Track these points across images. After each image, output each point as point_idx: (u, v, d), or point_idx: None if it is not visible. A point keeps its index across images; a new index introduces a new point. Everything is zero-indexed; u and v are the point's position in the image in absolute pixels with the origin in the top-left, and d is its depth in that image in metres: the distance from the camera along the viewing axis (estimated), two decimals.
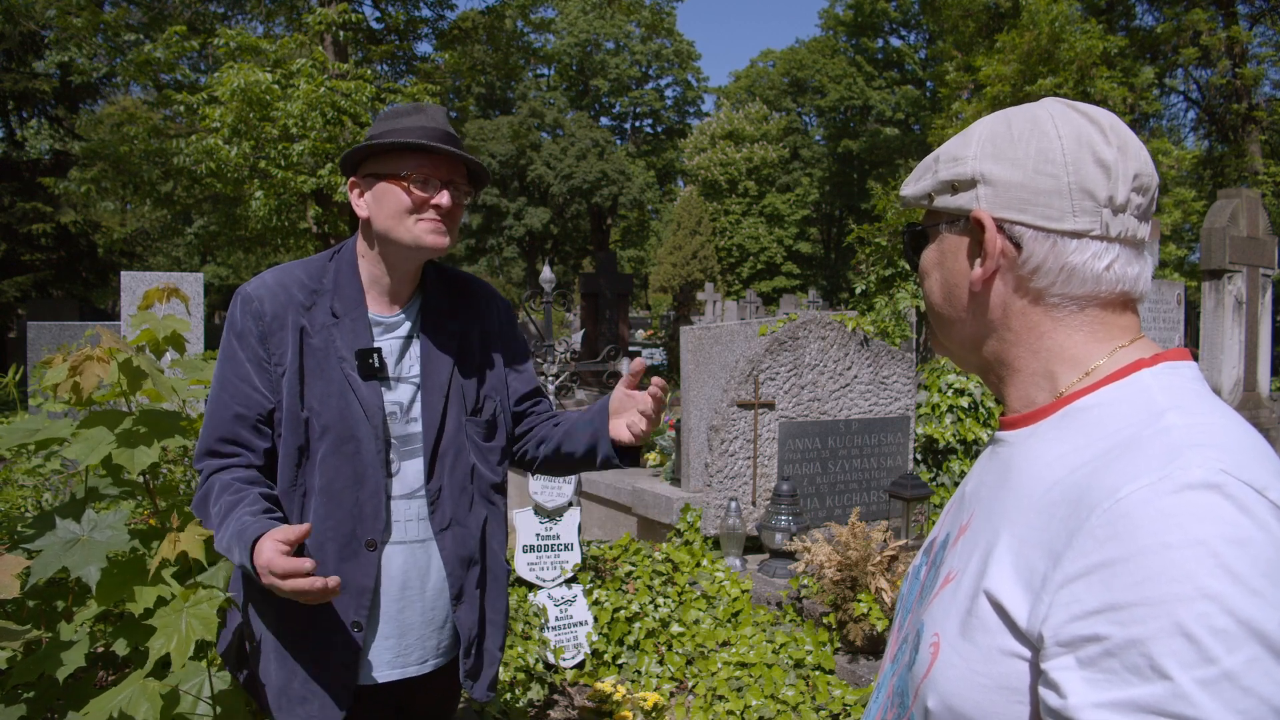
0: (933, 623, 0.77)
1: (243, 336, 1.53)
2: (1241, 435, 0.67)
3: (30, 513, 2.86)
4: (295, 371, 1.53)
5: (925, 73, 35.38)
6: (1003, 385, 0.83)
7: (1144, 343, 0.78)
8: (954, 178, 0.80)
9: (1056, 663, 0.62)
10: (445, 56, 14.80)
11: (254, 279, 1.60)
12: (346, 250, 1.64)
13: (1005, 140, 0.78)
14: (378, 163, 1.56)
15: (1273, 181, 17.48)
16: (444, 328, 1.66)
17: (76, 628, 1.67)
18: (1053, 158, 0.75)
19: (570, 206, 34.85)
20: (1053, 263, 0.75)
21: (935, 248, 0.85)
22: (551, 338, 4.31)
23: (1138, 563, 0.59)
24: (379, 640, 1.58)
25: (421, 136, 1.52)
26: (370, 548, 1.55)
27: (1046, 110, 0.78)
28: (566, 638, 3.56)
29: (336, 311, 1.57)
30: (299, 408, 1.52)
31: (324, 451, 1.52)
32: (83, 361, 1.50)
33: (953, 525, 0.85)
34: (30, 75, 17.65)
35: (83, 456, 1.49)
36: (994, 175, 0.77)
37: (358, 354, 1.55)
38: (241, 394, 1.52)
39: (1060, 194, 0.74)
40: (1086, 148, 0.75)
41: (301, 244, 13.16)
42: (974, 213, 0.78)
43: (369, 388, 1.56)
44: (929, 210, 0.85)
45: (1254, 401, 6.89)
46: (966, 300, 0.82)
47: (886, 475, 4.70)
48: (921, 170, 0.86)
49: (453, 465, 1.63)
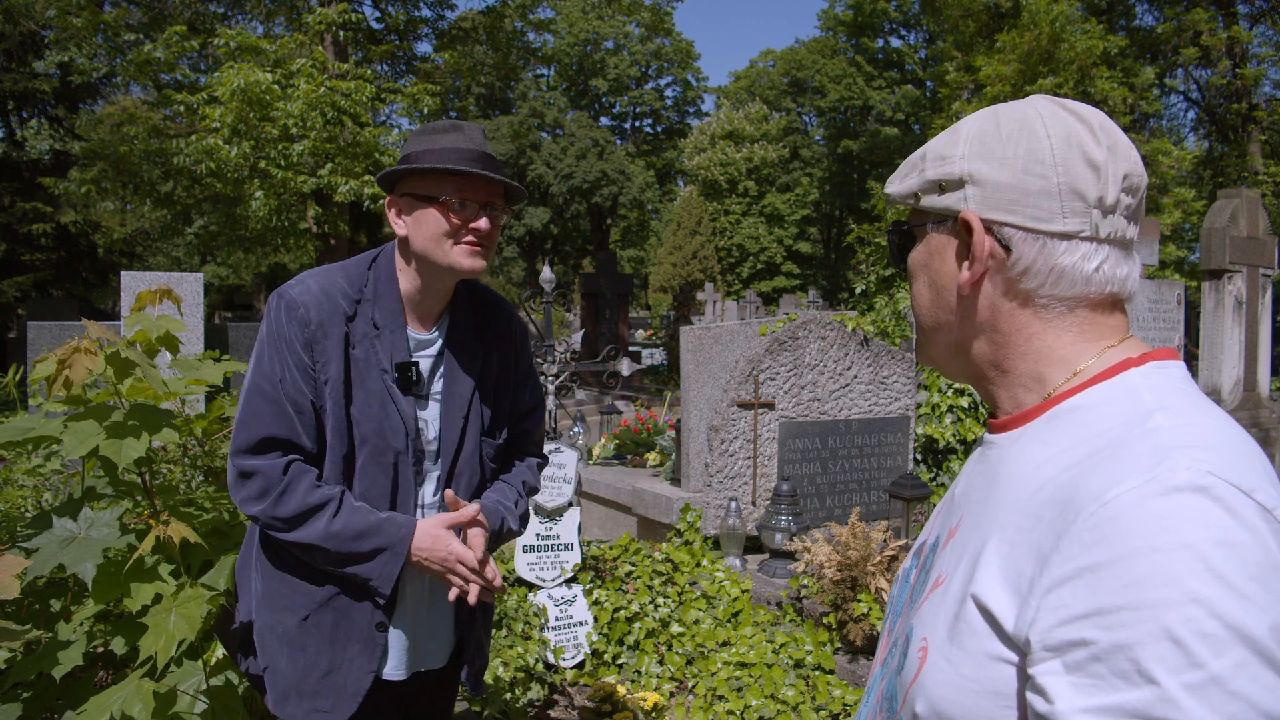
0: (921, 627, 0.76)
1: (289, 342, 1.50)
2: (1230, 436, 0.67)
3: (30, 512, 2.86)
4: (341, 381, 1.53)
5: (925, 73, 35.37)
6: (992, 387, 0.82)
7: (1133, 342, 0.78)
8: (941, 177, 0.79)
9: (1044, 668, 0.61)
10: (445, 56, 14.81)
11: (295, 283, 1.57)
12: (384, 260, 1.64)
13: (994, 139, 0.76)
14: (416, 183, 1.56)
15: (1273, 181, 17.49)
16: (470, 348, 1.69)
17: (75, 627, 1.67)
18: (1042, 158, 0.74)
19: (570, 206, 34.87)
20: (1042, 264, 0.75)
21: (922, 248, 0.84)
22: (551, 338, 4.30)
23: (1125, 567, 0.59)
24: (396, 641, 1.62)
25: (459, 159, 1.53)
26: None
27: (1036, 109, 0.77)
28: (566, 638, 3.55)
29: (378, 323, 1.58)
30: (344, 417, 1.54)
31: (364, 460, 1.55)
32: (71, 354, 1.50)
33: (942, 528, 0.85)
34: (30, 75, 17.64)
35: (70, 449, 1.49)
36: (982, 175, 0.76)
37: (398, 366, 1.57)
38: (291, 397, 1.51)
39: (1050, 195, 0.74)
40: (1076, 148, 0.74)
41: (301, 244, 13.18)
42: (962, 214, 0.77)
43: (406, 401, 1.58)
44: (915, 209, 0.84)
45: (1254, 402, 6.89)
46: (955, 302, 0.81)
47: (886, 475, 4.70)
48: (908, 168, 0.84)
49: (467, 483, 1.68)
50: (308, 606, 1.56)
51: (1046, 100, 0.78)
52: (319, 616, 1.56)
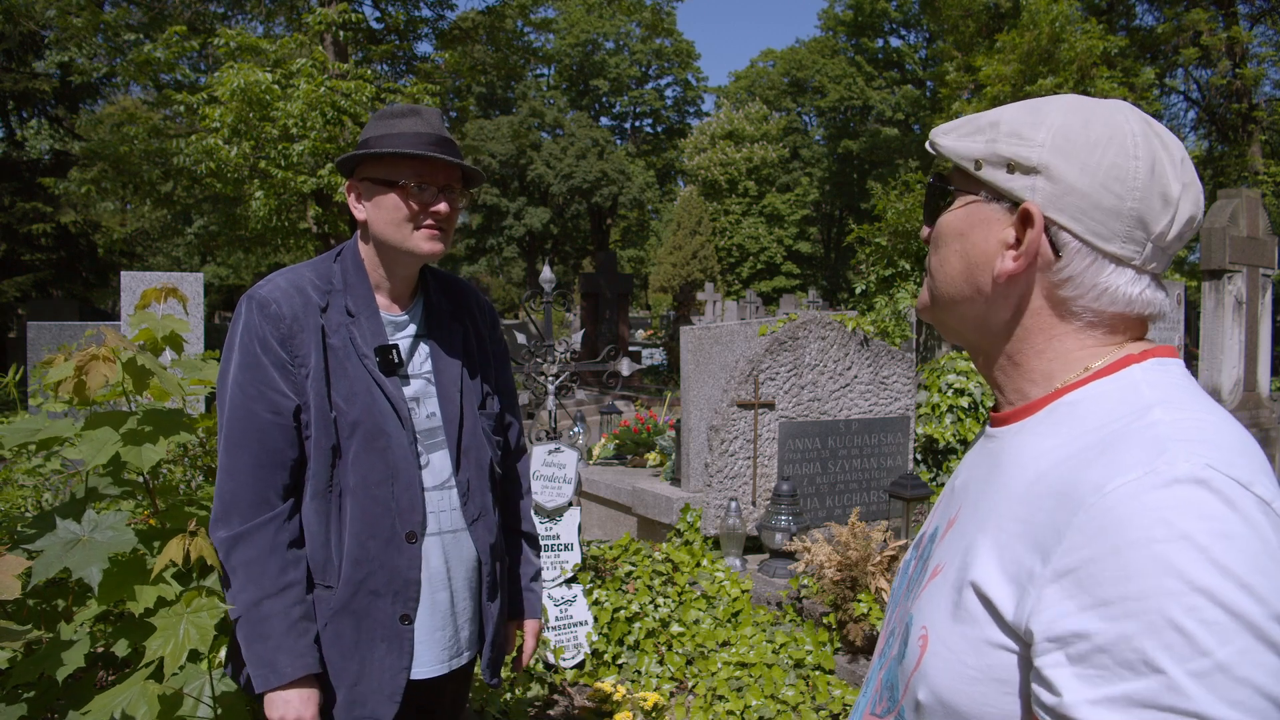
0: (921, 615, 0.77)
1: (264, 341, 1.50)
2: (1228, 430, 0.67)
3: (30, 513, 2.86)
4: (320, 372, 1.52)
5: (925, 73, 35.37)
6: (1000, 376, 0.81)
7: (1140, 343, 0.78)
8: (1015, 157, 0.75)
9: (1048, 659, 0.62)
10: (445, 56, 14.79)
11: (263, 283, 1.57)
12: (349, 251, 1.65)
13: (1081, 140, 0.73)
14: (374, 167, 1.56)
15: (1273, 181, 17.48)
16: (448, 327, 1.70)
17: (76, 628, 1.67)
18: (1123, 178, 0.72)
19: (570, 206, 34.85)
20: (1088, 279, 0.73)
21: (963, 215, 0.80)
22: (551, 338, 4.30)
23: (1125, 558, 0.59)
24: (426, 635, 1.58)
25: (417, 143, 1.53)
26: (411, 540, 1.55)
27: (1129, 122, 0.74)
28: (566, 638, 3.56)
29: (352, 310, 1.58)
30: (327, 408, 1.52)
31: (356, 449, 1.53)
32: (88, 360, 1.50)
33: (942, 519, 0.85)
34: (30, 75, 17.63)
35: (89, 456, 1.49)
36: (1060, 173, 0.73)
37: (377, 350, 1.57)
38: (268, 400, 1.50)
39: (1119, 216, 0.72)
40: (1158, 179, 0.72)
41: (301, 244, 13.16)
42: (1026, 204, 0.74)
43: (391, 383, 1.57)
44: (965, 173, 0.79)
45: (1254, 402, 6.89)
46: (988, 285, 0.78)
47: (886, 475, 4.70)
48: (973, 128, 0.80)
49: (477, 459, 1.67)
50: (324, 616, 1.51)
51: (1138, 116, 0.75)
52: (338, 625, 1.51)
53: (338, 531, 1.53)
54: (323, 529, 1.53)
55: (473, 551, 1.65)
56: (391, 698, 1.53)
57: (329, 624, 1.51)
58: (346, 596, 1.51)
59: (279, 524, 1.48)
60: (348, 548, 1.51)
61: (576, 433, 6.48)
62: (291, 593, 1.46)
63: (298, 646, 1.45)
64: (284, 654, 1.44)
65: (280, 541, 1.47)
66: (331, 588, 1.52)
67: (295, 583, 1.47)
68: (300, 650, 1.45)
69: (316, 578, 1.52)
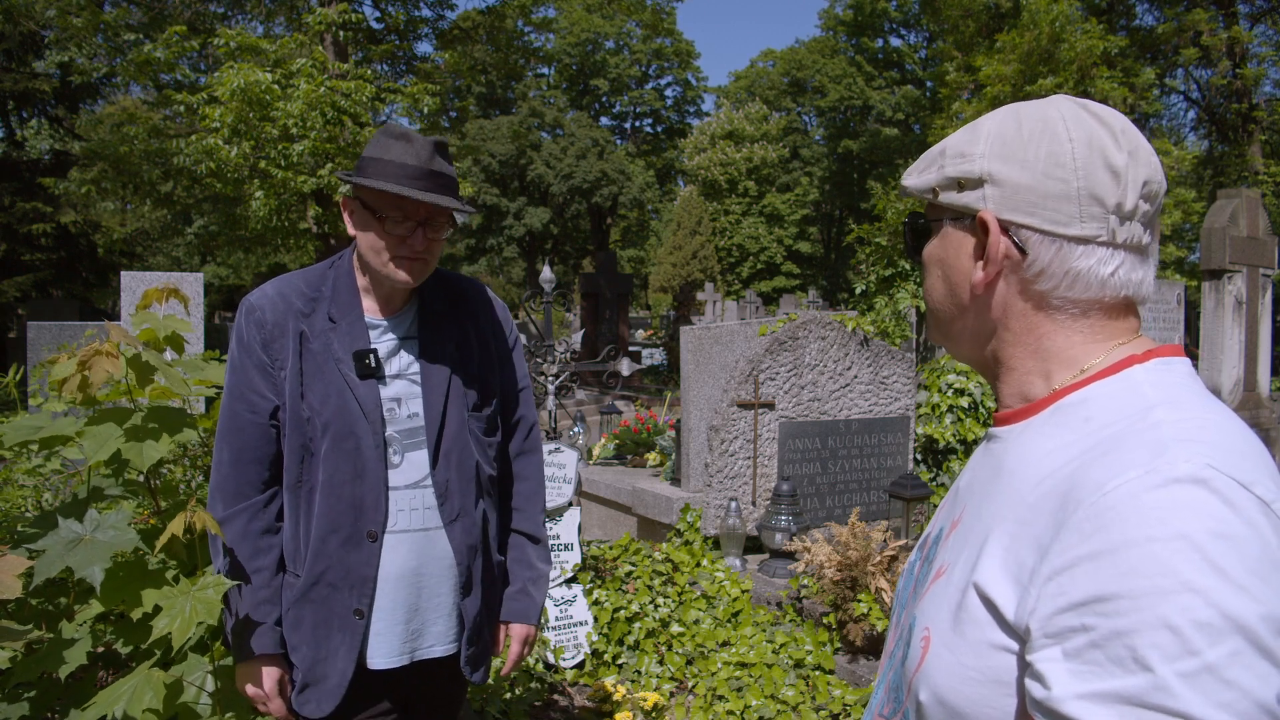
0: (924, 617, 0.77)
1: (248, 345, 1.61)
2: (1231, 431, 0.67)
3: (30, 512, 2.86)
4: (295, 374, 1.60)
5: (925, 73, 35.34)
6: (998, 381, 0.83)
7: (1141, 341, 0.78)
8: (960, 175, 0.79)
9: (1042, 654, 0.62)
10: (445, 56, 14.80)
11: (257, 290, 1.68)
12: (345, 258, 1.72)
13: (1015, 140, 0.76)
14: (365, 191, 1.60)
15: (1273, 181, 17.48)
16: (442, 328, 1.72)
17: (78, 626, 1.67)
18: (1063, 161, 0.74)
19: (570, 206, 34.83)
20: (1058, 267, 0.75)
21: (938, 242, 0.84)
22: (551, 338, 4.31)
23: (1123, 555, 0.59)
24: (385, 628, 1.63)
25: (402, 176, 1.55)
26: (371, 539, 1.61)
27: (1058, 110, 0.77)
28: (566, 638, 3.56)
29: (333, 317, 1.64)
30: (300, 408, 1.60)
31: (325, 448, 1.59)
32: (92, 356, 1.50)
33: (946, 520, 0.86)
34: (30, 75, 17.62)
35: (92, 453, 1.50)
36: (1002, 176, 0.76)
37: (354, 355, 1.62)
38: (247, 400, 1.61)
39: (1069, 199, 0.73)
40: (1098, 153, 0.73)
41: (302, 244, 13.17)
42: (980, 214, 0.77)
43: (366, 386, 1.62)
44: (932, 204, 0.84)
45: (1254, 401, 6.89)
46: (968, 299, 0.81)
47: (886, 475, 4.71)
48: (926, 162, 0.84)
49: (459, 460, 1.69)
50: (289, 601, 1.61)
51: (1069, 101, 0.78)
52: (299, 611, 1.61)
53: (305, 525, 1.61)
54: (294, 521, 1.62)
55: (446, 550, 1.67)
56: (338, 687, 1.62)
57: (292, 609, 1.62)
58: (307, 586, 1.60)
59: (253, 513, 1.60)
60: (311, 541, 1.59)
61: (576, 433, 6.48)
62: (258, 577, 1.59)
63: (259, 628, 1.58)
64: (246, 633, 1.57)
65: (253, 529, 1.60)
66: (299, 576, 1.61)
67: (263, 568, 1.60)
68: (260, 631, 1.58)
69: (289, 565, 1.63)
